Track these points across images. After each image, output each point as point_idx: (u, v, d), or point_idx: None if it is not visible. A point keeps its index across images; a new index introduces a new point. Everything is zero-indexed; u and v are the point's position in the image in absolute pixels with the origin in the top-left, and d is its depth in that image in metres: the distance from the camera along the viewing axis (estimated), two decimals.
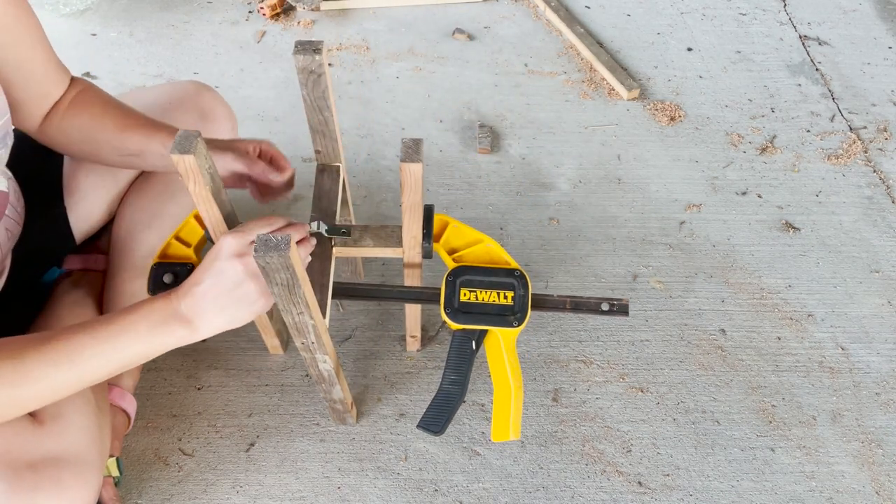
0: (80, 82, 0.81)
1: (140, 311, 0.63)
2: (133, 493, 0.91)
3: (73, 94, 0.79)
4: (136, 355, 0.63)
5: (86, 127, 0.77)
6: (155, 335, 0.63)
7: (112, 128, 0.77)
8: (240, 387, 1.01)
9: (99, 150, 0.78)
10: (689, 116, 1.44)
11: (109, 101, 0.80)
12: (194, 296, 0.63)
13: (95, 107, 0.78)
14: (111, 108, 0.79)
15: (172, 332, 0.63)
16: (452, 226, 0.82)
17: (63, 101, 0.78)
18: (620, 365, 1.05)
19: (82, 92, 0.79)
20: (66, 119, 0.78)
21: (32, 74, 0.73)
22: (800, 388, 1.03)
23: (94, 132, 0.77)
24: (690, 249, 1.21)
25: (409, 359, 1.05)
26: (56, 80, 0.77)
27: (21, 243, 0.83)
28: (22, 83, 0.72)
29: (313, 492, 0.92)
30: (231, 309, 0.64)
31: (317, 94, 0.76)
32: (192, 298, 0.63)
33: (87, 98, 0.79)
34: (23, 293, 0.90)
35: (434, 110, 1.44)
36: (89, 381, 0.62)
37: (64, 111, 0.78)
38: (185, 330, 0.64)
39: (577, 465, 0.95)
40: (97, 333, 0.61)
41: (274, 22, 1.64)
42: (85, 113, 0.78)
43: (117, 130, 0.77)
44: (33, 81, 0.74)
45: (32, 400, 0.60)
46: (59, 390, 0.61)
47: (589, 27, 1.65)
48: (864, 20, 1.69)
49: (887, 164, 1.35)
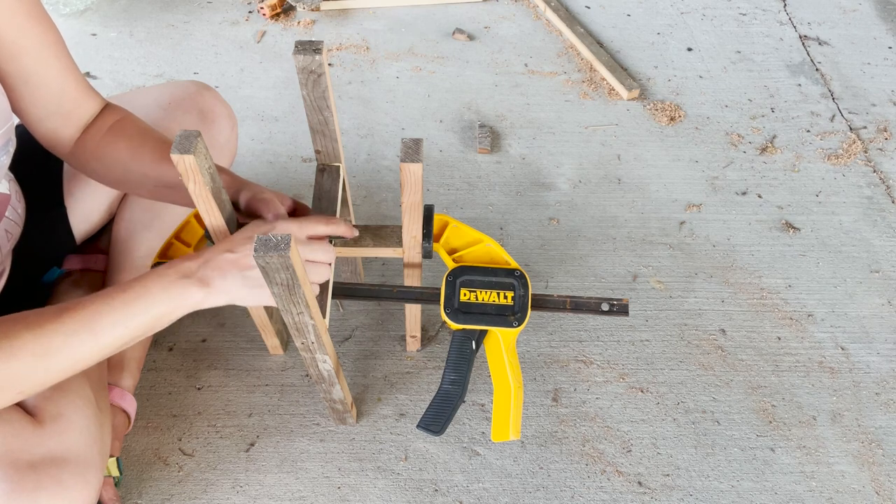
0: (119, 110, 0.79)
1: (152, 275, 0.64)
2: (133, 493, 0.91)
3: (111, 122, 0.77)
4: (152, 319, 0.63)
5: (122, 155, 0.75)
6: (171, 297, 0.63)
7: (150, 158, 0.74)
8: (240, 387, 1.01)
9: (133, 179, 0.76)
10: (689, 116, 1.44)
11: (149, 131, 0.77)
12: (222, 261, 0.64)
13: (134, 136, 0.76)
14: (150, 138, 0.76)
15: (189, 295, 0.64)
16: (452, 226, 0.82)
17: (98, 127, 0.76)
18: (620, 365, 1.05)
19: (121, 120, 0.77)
20: (102, 146, 0.75)
21: (45, 89, 0.71)
22: (800, 388, 1.03)
23: (130, 161, 0.75)
24: (690, 249, 1.21)
25: (409, 359, 1.06)
26: (77, 99, 0.74)
27: (21, 244, 0.83)
28: (30, 97, 0.71)
29: (313, 492, 0.92)
30: (254, 285, 0.65)
31: (317, 94, 0.75)
32: (220, 263, 0.64)
33: (126, 126, 0.77)
34: (23, 293, 0.90)
35: (434, 110, 1.44)
36: (109, 350, 0.63)
37: (100, 138, 0.75)
38: (200, 293, 0.64)
39: (577, 465, 0.95)
40: (112, 301, 0.62)
41: (274, 22, 1.64)
42: (122, 141, 0.75)
43: (155, 161, 0.74)
44: (47, 97, 0.72)
45: (55, 371, 0.60)
46: (81, 360, 0.61)
47: (589, 27, 1.65)
48: (864, 20, 1.69)
49: (887, 164, 1.35)
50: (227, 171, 0.76)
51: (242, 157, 1.33)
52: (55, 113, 0.73)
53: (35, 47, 0.69)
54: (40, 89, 0.71)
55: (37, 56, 0.69)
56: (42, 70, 0.70)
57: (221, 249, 0.65)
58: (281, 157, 1.34)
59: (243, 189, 0.74)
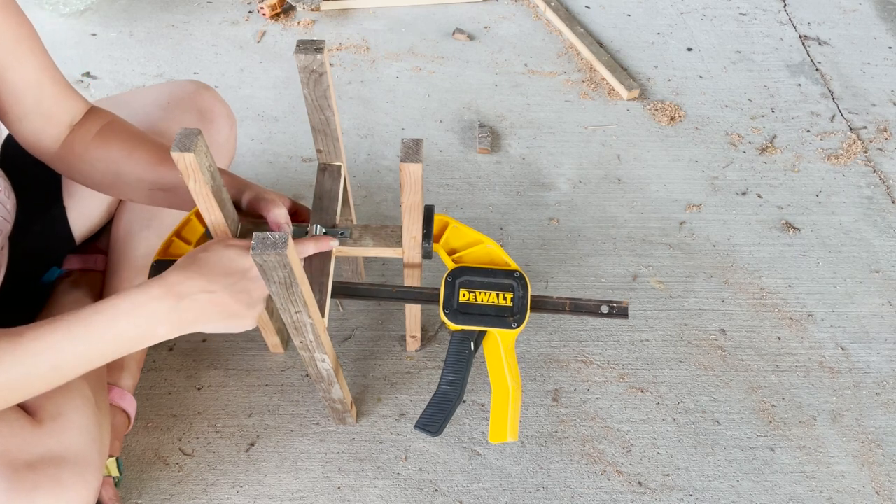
0: (106, 114, 0.77)
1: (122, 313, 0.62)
2: (133, 493, 0.91)
3: (98, 125, 0.75)
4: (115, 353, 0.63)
5: (115, 158, 0.74)
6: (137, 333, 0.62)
7: (145, 160, 0.73)
8: (240, 387, 1.01)
9: (127, 182, 0.75)
10: (689, 116, 1.44)
11: (142, 134, 0.77)
12: (198, 303, 0.63)
13: (127, 138, 0.75)
14: (145, 141, 0.75)
15: (154, 334, 0.63)
16: (452, 226, 0.82)
17: (87, 129, 0.75)
18: (620, 365, 1.05)
19: (110, 124, 0.76)
20: (92, 149, 0.74)
21: (21, 85, 0.70)
22: (800, 388, 1.03)
23: (125, 163, 0.74)
24: (690, 249, 1.21)
25: (408, 359, 1.05)
26: (57, 97, 0.73)
27: (20, 243, 0.83)
28: (6, 94, 0.70)
29: (313, 492, 0.92)
30: (228, 321, 0.66)
31: (318, 94, 0.75)
32: (196, 305, 0.63)
33: (117, 129, 0.76)
34: (23, 293, 0.90)
35: (434, 110, 1.44)
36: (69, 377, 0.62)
37: (90, 141, 0.74)
38: (167, 329, 0.63)
39: (577, 465, 0.95)
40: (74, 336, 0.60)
41: (274, 22, 1.64)
42: (115, 143, 0.74)
43: (151, 163, 0.73)
44: (24, 93, 0.70)
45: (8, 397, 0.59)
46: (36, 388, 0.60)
47: (589, 27, 1.65)
48: (864, 20, 1.69)
49: (887, 164, 1.35)
50: (228, 172, 0.76)
51: (242, 157, 1.33)
52: (34, 112, 0.72)
53: (9, 41, 0.67)
54: (16, 85, 0.70)
55: (11, 50, 0.68)
56: (16, 65, 0.69)
57: (197, 288, 0.63)
58: (281, 157, 1.33)
59: (246, 190, 0.74)
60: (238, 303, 0.65)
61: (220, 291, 0.63)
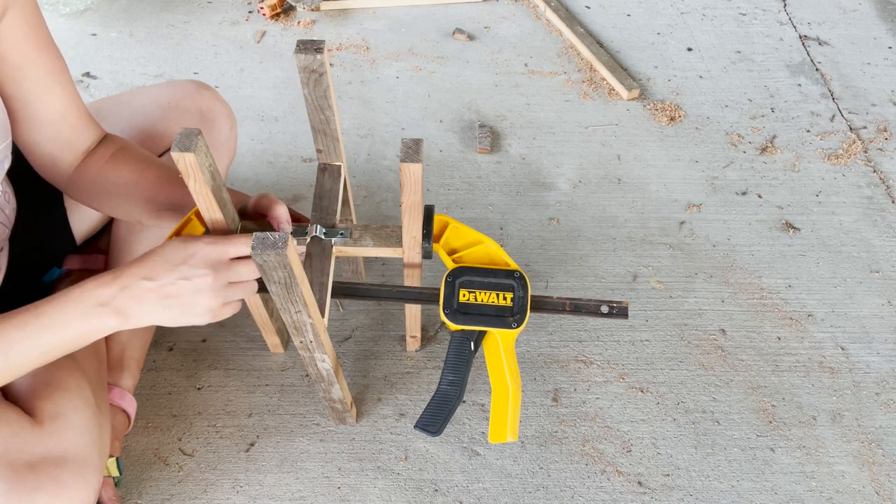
0: (118, 140, 0.80)
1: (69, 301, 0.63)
2: (133, 493, 0.91)
3: (111, 150, 0.77)
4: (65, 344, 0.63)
5: (127, 178, 0.76)
6: (86, 325, 0.63)
7: (156, 180, 0.75)
8: (240, 387, 1.01)
9: (136, 202, 0.76)
10: (689, 116, 1.44)
11: (151, 157, 0.79)
12: (140, 290, 0.63)
13: (139, 161, 0.77)
14: (155, 163, 0.78)
15: (104, 323, 0.63)
16: (452, 226, 0.82)
17: (100, 154, 0.77)
18: (620, 365, 1.05)
19: (124, 148, 0.78)
20: (105, 172, 0.76)
21: (45, 115, 0.72)
22: (800, 388, 1.03)
23: (136, 184, 0.76)
24: (690, 249, 1.21)
25: (408, 359, 1.05)
26: (77, 127, 0.75)
27: (21, 243, 0.83)
28: (29, 121, 0.71)
29: (313, 492, 0.92)
30: (174, 311, 0.65)
31: (318, 94, 0.75)
32: (137, 292, 0.63)
33: (129, 153, 0.78)
34: (23, 293, 0.90)
35: (434, 110, 1.44)
36: (20, 372, 0.62)
37: (103, 164, 0.76)
38: (116, 320, 0.63)
39: (577, 465, 0.95)
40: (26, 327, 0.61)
41: (274, 22, 1.64)
42: (126, 165, 0.76)
43: (161, 183, 0.75)
44: (47, 123, 0.72)
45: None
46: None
47: (589, 27, 1.65)
48: (864, 20, 1.69)
49: (887, 164, 1.35)
50: (232, 190, 0.78)
51: (242, 157, 1.33)
52: (53, 140, 0.74)
53: (40, 74, 0.69)
54: (41, 114, 0.71)
55: (41, 82, 0.70)
56: (45, 96, 0.71)
57: (139, 276, 0.63)
58: (281, 157, 1.34)
59: (249, 198, 0.76)
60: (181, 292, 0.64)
61: (161, 279, 0.63)
